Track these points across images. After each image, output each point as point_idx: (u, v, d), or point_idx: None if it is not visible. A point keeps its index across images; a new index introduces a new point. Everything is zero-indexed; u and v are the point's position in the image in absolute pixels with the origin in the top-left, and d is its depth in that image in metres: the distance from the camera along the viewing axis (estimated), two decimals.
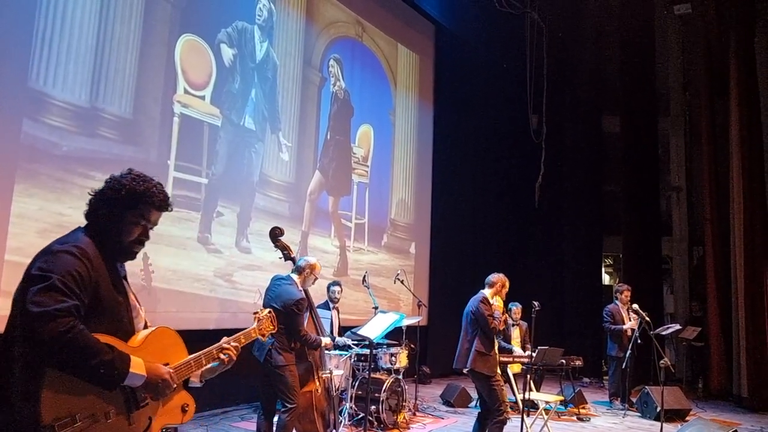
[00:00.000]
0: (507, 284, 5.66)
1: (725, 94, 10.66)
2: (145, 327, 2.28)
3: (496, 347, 5.49)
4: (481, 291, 5.65)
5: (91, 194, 2.24)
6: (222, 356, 2.38)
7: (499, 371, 5.45)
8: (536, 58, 12.15)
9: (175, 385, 2.16)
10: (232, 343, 2.43)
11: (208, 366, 2.36)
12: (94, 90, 5.97)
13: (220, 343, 2.40)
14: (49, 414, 1.82)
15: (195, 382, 2.36)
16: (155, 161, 6.53)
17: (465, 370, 5.51)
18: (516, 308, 8.49)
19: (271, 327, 2.67)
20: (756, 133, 10.22)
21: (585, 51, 12.85)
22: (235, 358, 2.43)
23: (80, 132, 5.82)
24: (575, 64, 12.89)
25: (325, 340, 5.25)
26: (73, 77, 5.79)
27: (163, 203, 2.29)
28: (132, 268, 6.00)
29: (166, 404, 2.19)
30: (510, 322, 8.56)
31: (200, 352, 2.30)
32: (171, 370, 2.13)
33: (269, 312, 2.70)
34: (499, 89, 12.56)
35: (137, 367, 2.00)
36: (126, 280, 2.29)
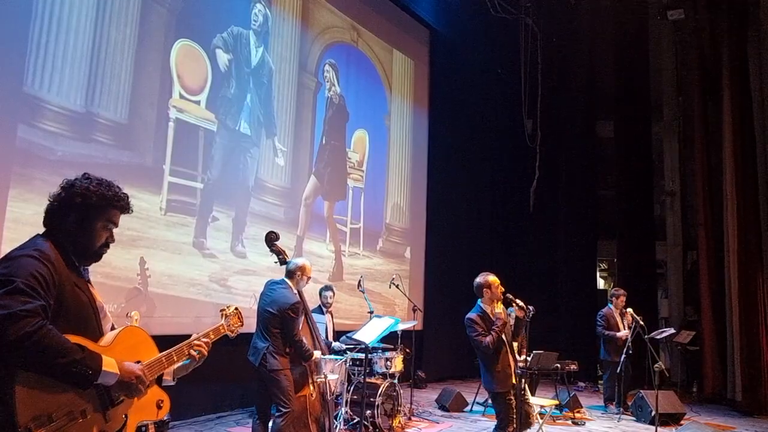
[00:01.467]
0: (496, 282, 5.20)
1: (718, 100, 10.71)
2: (113, 329, 2.28)
3: (505, 360, 5.07)
4: (478, 302, 5.24)
5: (51, 200, 2.22)
6: (192, 352, 2.40)
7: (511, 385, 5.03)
8: (530, 63, 12.23)
9: (149, 382, 2.17)
10: (203, 339, 2.46)
11: (180, 363, 2.38)
12: (90, 95, 5.97)
13: (190, 339, 2.43)
14: (25, 414, 1.82)
15: (168, 380, 2.38)
16: (151, 166, 6.53)
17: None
18: (512, 314, 8.48)
19: (239, 323, 2.71)
20: (748, 139, 10.28)
21: (579, 56, 12.91)
22: (206, 354, 2.44)
23: (75, 137, 5.83)
24: (569, 69, 12.96)
25: (316, 354, 5.20)
26: (69, 82, 5.80)
27: (127, 206, 2.30)
28: (127, 272, 6.06)
29: (141, 401, 2.21)
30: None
31: (171, 349, 2.32)
32: (143, 367, 2.14)
33: (236, 308, 2.74)
34: (494, 94, 12.62)
35: (109, 365, 2.01)
36: (90, 282, 2.28)
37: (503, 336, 5.07)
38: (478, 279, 5.26)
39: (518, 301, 5.28)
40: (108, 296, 5.85)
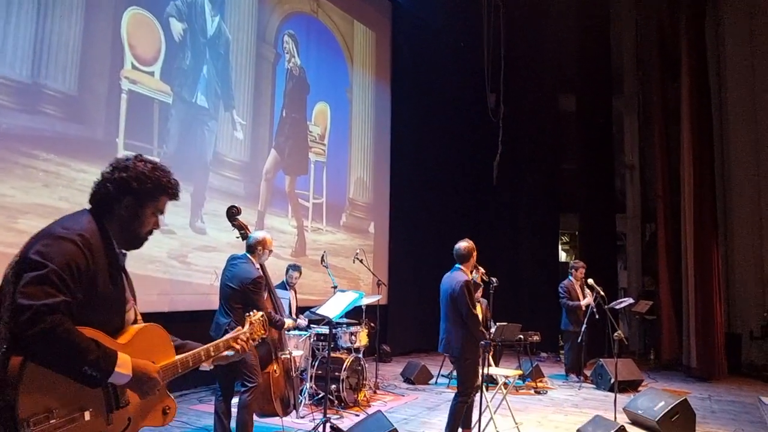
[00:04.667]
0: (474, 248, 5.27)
1: (677, 74, 10.86)
2: (135, 321, 2.18)
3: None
4: (458, 268, 5.23)
5: (103, 179, 2.10)
6: (207, 364, 2.34)
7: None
8: (494, 37, 12.17)
9: (161, 385, 2.08)
10: (221, 349, 2.38)
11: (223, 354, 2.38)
12: (36, 65, 5.69)
13: (208, 346, 2.32)
14: (26, 407, 1.74)
15: (205, 365, 2.34)
16: (102, 140, 6.29)
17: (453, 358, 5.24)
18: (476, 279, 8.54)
19: (262, 332, 2.63)
20: (705, 113, 10.45)
21: (542, 30, 12.89)
22: (239, 353, 2.44)
23: (21, 109, 5.55)
24: (532, 43, 12.93)
25: (288, 321, 5.18)
26: (13, 51, 5.50)
27: (178, 193, 2.22)
28: None
29: (148, 405, 2.11)
30: None
31: (187, 354, 2.22)
32: (159, 369, 2.06)
33: (262, 316, 2.64)
34: (457, 68, 12.53)
35: (123, 365, 1.92)
36: (125, 269, 2.18)
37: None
38: (466, 243, 5.31)
39: (480, 268, 5.31)
40: None
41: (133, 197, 2.09)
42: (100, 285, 1.98)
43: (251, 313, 2.64)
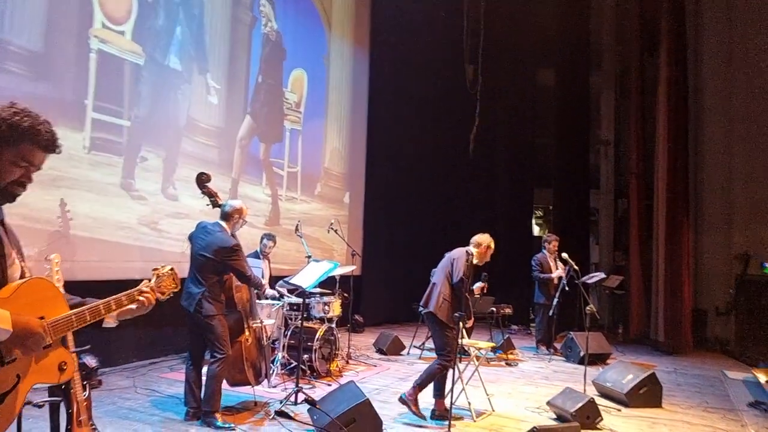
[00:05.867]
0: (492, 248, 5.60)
1: (656, 51, 10.88)
2: (22, 277, 2.05)
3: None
4: (470, 247, 5.50)
5: None
6: (110, 319, 2.19)
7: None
8: (473, 8, 12.01)
9: (50, 341, 1.96)
10: (124, 302, 2.21)
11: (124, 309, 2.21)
12: None
13: (109, 299, 2.15)
14: None
15: (110, 322, 2.21)
16: (71, 100, 6.07)
17: (424, 311, 5.39)
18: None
19: (173, 285, 2.41)
20: (682, 92, 10.52)
21: (523, 3, 12.76)
22: (144, 306, 2.26)
23: None
24: (513, 16, 12.78)
25: (269, 291, 5.16)
26: None
27: (49, 144, 2.01)
28: (47, 214, 5.69)
29: (40, 361, 1.99)
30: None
31: (84, 308, 2.07)
32: (46, 325, 1.94)
33: (171, 269, 2.43)
34: (436, 38, 12.35)
35: (2, 320, 1.81)
36: (3, 224, 2.05)
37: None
38: (484, 237, 5.66)
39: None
40: (27, 239, 5.46)
41: None
42: None
43: (160, 266, 2.44)
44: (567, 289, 8.52)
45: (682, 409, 6.20)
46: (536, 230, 15.74)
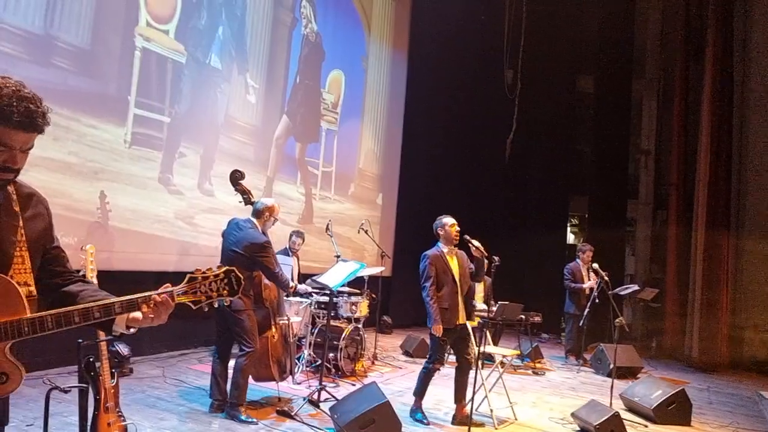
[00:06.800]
0: (449, 224, 5.49)
1: (701, 59, 10.63)
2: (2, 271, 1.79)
3: (453, 299, 5.30)
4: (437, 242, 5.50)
5: None
6: (121, 328, 1.89)
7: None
8: (515, 12, 11.92)
9: None
10: (114, 311, 1.85)
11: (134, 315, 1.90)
12: (49, 16, 5.64)
13: (92, 305, 1.82)
14: None
15: (120, 328, 1.91)
16: (115, 96, 6.26)
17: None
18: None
19: (223, 292, 1.97)
20: (727, 102, 10.26)
21: (565, 7, 12.62)
22: (166, 309, 1.91)
23: (33, 60, 5.52)
24: (554, 20, 12.67)
25: (292, 283, 5.25)
26: (26, 1, 5.45)
27: (24, 123, 1.72)
28: (88, 205, 5.87)
29: None
30: None
31: (49, 312, 1.77)
32: None
33: (226, 270, 1.97)
34: (476, 42, 12.30)
35: None
36: None
37: (453, 275, 5.32)
38: (436, 221, 5.55)
39: (474, 241, 5.28)
40: (68, 229, 5.68)
41: None
42: None
43: (207, 269, 1.98)
44: (597, 301, 8.39)
45: (712, 428, 6.06)
46: (571, 238, 15.54)
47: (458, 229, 5.34)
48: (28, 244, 1.84)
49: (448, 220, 5.41)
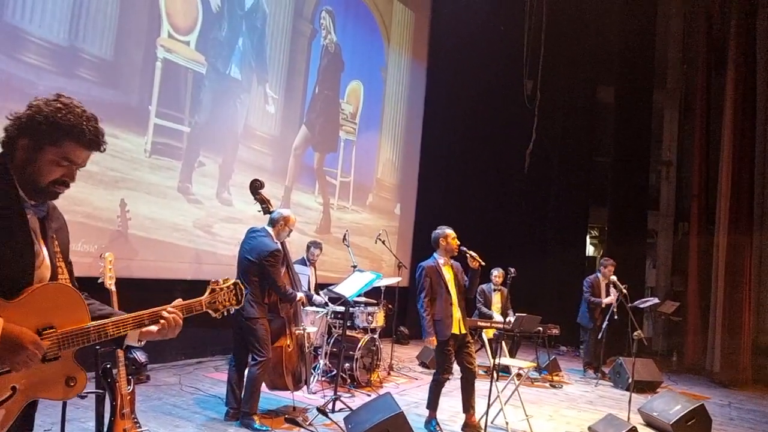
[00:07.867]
0: (451, 235, 5.38)
1: (723, 71, 10.52)
2: (53, 279, 1.88)
3: (447, 309, 5.22)
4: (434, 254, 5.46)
5: (9, 118, 1.83)
6: (131, 340, 1.98)
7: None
8: (535, 22, 11.92)
9: (54, 355, 1.77)
10: (169, 311, 2.01)
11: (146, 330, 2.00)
12: (74, 28, 5.76)
13: (141, 313, 1.96)
14: None
15: (131, 340, 2.01)
16: (136, 106, 6.37)
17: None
18: (498, 273, 8.50)
19: (233, 302, 2.21)
20: (749, 113, 10.12)
21: (585, 18, 12.58)
22: (174, 326, 2.02)
23: (58, 71, 5.64)
24: (574, 32, 12.63)
25: (299, 295, 5.24)
26: (52, 14, 5.59)
27: (92, 142, 1.85)
28: (108, 213, 5.96)
29: (43, 375, 1.78)
30: (491, 287, 8.58)
31: (107, 321, 1.88)
32: (38, 340, 1.72)
33: (235, 284, 2.22)
34: (495, 52, 12.29)
35: None
36: (45, 221, 1.91)
37: (447, 286, 5.24)
38: (435, 231, 5.50)
39: (471, 252, 5.25)
40: (88, 236, 5.77)
41: (29, 138, 1.80)
42: None
43: (221, 280, 2.20)
44: (616, 317, 8.29)
45: None
46: (591, 250, 15.41)
47: (458, 242, 5.32)
48: (62, 255, 1.95)
49: (450, 232, 5.38)
